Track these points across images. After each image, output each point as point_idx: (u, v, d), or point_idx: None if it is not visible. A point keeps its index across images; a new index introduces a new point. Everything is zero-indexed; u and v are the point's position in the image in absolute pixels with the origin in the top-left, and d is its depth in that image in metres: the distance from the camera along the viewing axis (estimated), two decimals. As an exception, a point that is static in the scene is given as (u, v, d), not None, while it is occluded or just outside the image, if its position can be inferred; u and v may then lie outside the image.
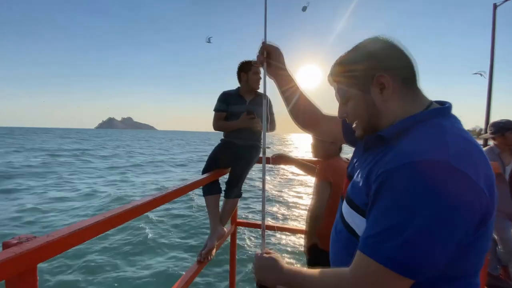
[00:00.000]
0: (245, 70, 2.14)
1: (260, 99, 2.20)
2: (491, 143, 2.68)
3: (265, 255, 0.83)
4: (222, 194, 2.14)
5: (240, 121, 2.09)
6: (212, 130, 2.25)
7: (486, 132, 2.73)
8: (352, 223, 0.70)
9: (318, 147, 1.76)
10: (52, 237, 0.72)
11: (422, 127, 0.61)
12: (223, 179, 2.15)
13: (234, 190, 2.06)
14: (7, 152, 24.11)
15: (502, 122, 2.54)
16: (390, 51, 0.68)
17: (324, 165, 1.69)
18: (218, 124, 2.20)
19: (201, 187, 2.09)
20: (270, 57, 1.08)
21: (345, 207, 0.74)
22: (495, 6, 9.53)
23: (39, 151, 25.75)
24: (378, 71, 0.66)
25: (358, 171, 0.72)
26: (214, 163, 2.09)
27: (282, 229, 2.67)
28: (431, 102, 0.68)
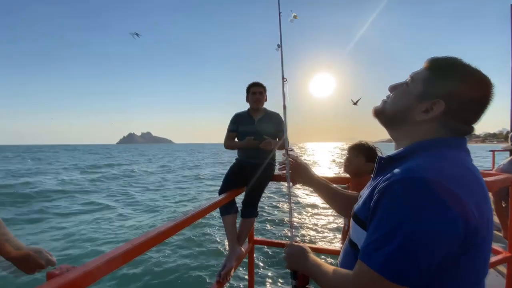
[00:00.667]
0: (247, 91, 2.30)
1: (268, 117, 2.29)
2: None
3: (294, 243, 0.95)
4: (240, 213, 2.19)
5: (244, 143, 2.22)
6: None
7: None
8: (355, 238, 0.75)
9: (352, 162, 1.77)
10: (88, 267, 0.79)
11: (426, 153, 0.67)
12: (240, 198, 2.19)
13: (250, 209, 2.09)
14: (77, 167, 26.95)
15: None
16: (475, 100, 0.67)
17: (356, 182, 1.74)
18: (227, 143, 2.37)
19: (220, 210, 2.18)
20: (298, 170, 1.23)
21: (353, 227, 0.78)
22: (512, 7, 9.26)
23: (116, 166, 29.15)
24: (443, 98, 0.67)
25: (365, 191, 0.79)
26: (229, 183, 2.15)
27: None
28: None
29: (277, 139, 2.24)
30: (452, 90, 0.67)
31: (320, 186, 1.20)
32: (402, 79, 0.79)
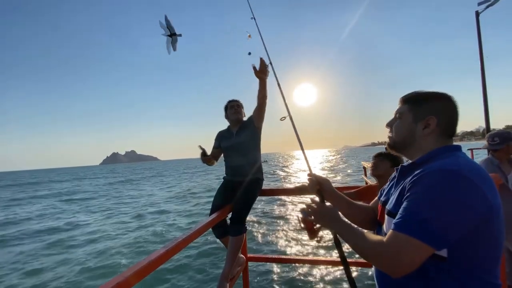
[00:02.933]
0: (225, 109, 2.46)
1: (243, 126, 2.37)
2: (486, 154, 2.61)
3: (326, 204, 1.09)
4: None
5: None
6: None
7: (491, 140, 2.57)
8: None
9: (378, 166, 1.94)
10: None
11: (443, 156, 0.87)
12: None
13: (238, 226, 2.07)
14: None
15: (506, 132, 2.50)
16: (449, 108, 0.93)
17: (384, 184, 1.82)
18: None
19: (214, 232, 2.23)
20: (322, 187, 1.27)
21: (389, 224, 0.88)
22: (477, 14, 9.80)
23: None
24: (431, 114, 0.92)
25: (393, 193, 0.94)
26: (218, 204, 2.15)
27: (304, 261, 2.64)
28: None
29: (257, 129, 2.31)
30: (435, 107, 0.93)
31: (340, 200, 1.24)
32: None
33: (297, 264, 5.08)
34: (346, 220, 0.97)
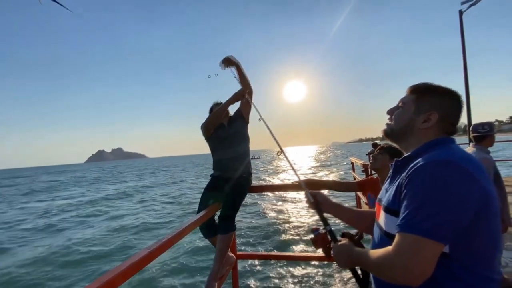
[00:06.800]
0: (211, 111, 2.35)
1: (234, 120, 2.32)
2: (470, 146, 2.66)
3: (338, 243, 1.03)
4: None
5: None
6: (204, 152, 2.30)
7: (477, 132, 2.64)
8: (391, 229, 0.84)
9: (377, 159, 1.93)
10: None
11: (436, 147, 0.86)
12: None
13: (227, 224, 2.02)
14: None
15: (491, 122, 2.61)
16: (454, 107, 0.92)
17: (382, 176, 1.90)
18: None
19: (202, 232, 2.17)
20: (317, 199, 1.28)
21: (387, 220, 0.87)
22: (460, 13, 10.00)
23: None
24: (435, 110, 0.90)
25: (389, 188, 0.92)
26: (206, 202, 2.09)
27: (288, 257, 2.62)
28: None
29: (245, 121, 2.29)
30: (439, 103, 0.91)
31: (338, 208, 1.24)
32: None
33: (287, 261, 5.07)
34: (359, 250, 0.94)
